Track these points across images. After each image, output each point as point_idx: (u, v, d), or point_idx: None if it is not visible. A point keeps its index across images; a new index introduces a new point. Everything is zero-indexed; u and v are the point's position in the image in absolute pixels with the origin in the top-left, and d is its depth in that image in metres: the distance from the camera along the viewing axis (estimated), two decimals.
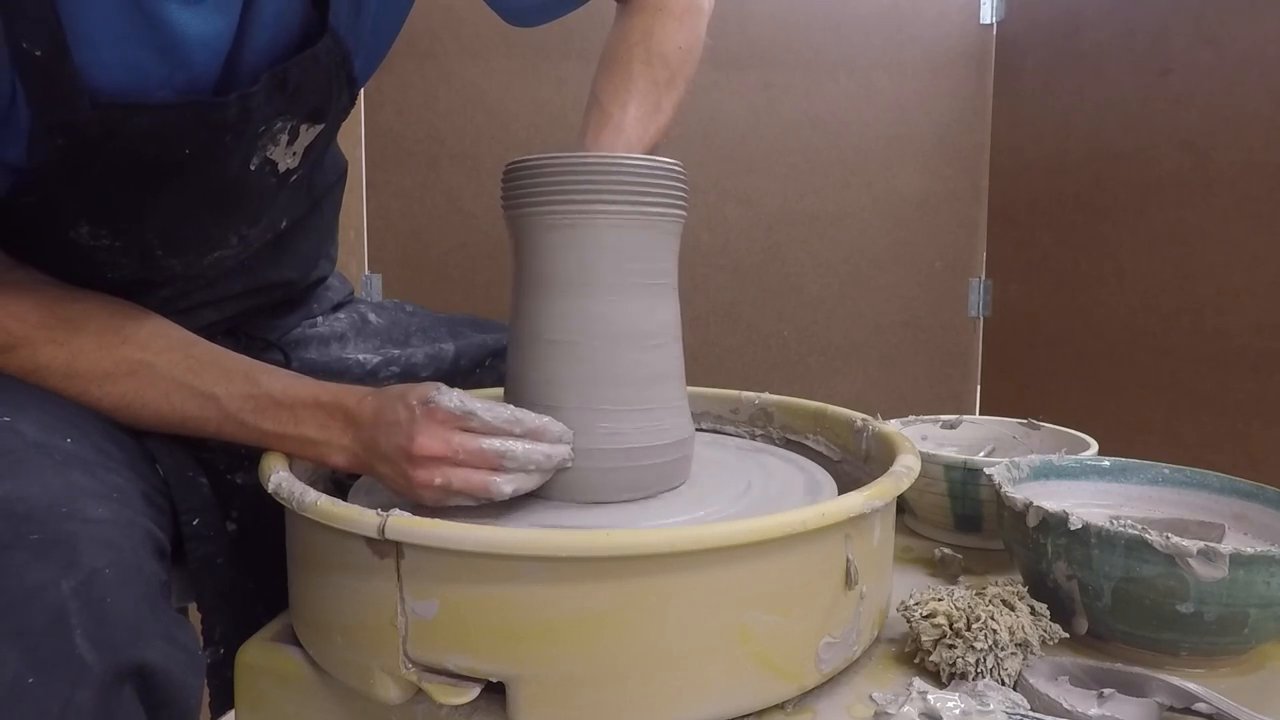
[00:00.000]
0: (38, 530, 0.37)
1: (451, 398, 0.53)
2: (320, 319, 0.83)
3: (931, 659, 0.53)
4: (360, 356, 0.82)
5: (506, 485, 0.53)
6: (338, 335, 0.83)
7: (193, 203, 0.59)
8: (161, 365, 0.51)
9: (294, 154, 0.63)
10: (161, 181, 0.55)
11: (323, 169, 0.76)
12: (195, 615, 0.59)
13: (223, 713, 0.60)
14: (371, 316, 0.87)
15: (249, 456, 0.62)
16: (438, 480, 0.52)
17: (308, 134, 0.63)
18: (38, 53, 0.46)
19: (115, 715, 0.37)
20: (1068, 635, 0.57)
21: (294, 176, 0.65)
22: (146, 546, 0.42)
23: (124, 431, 0.53)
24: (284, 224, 0.71)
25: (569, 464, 0.57)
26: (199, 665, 0.43)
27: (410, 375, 0.83)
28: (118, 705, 0.37)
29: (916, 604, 0.55)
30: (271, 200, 0.65)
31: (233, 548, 0.60)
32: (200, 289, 0.68)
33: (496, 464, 0.53)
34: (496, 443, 0.53)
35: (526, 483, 0.55)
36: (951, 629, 0.53)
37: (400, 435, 0.52)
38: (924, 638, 0.53)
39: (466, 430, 0.53)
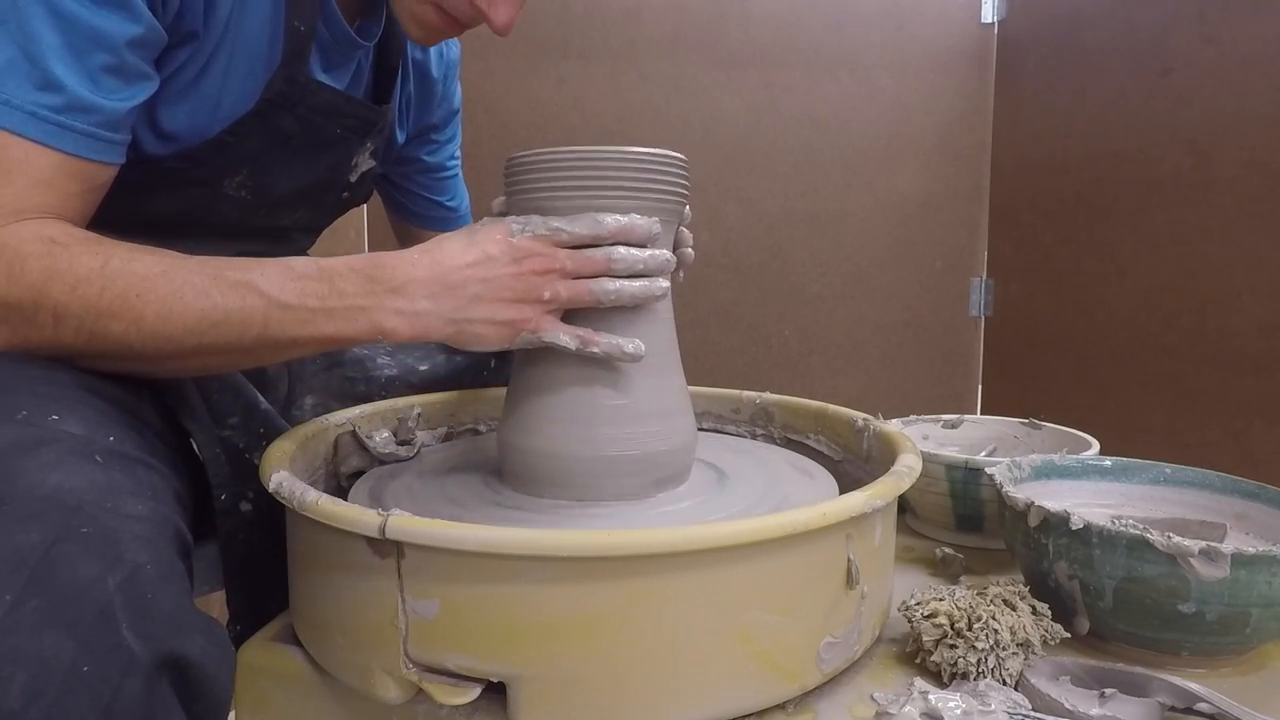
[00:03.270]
0: (87, 524, 0.38)
1: (533, 220, 0.56)
2: None
3: (933, 659, 0.53)
4: None
5: (610, 284, 0.56)
6: None
7: (312, 176, 0.73)
8: (191, 263, 0.51)
9: (358, 174, 0.78)
10: (304, 154, 0.70)
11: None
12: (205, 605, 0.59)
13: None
14: None
15: (269, 436, 0.62)
16: (547, 294, 0.55)
17: (366, 163, 0.78)
18: (301, 28, 0.63)
19: (157, 704, 0.38)
20: (1069, 635, 0.57)
21: (346, 192, 0.80)
22: (176, 544, 0.43)
23: (159, 431, 0.54)
24: (314, 217, 0.82)
25: (671, 266, 0.59)
26: (231, 659, 0.44)
27: (408, 370, 0.84)
28: (158, 695, 0.38)
29: (918, 604, 0.55)
30: (337, 197, 0.79)
31: (248, 529, 0.61)
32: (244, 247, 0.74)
33: (605, 269, 0.56)
34: (600, 250, 0.56)
35: (630, 288, 0.57)
36: (953, 629, 0.53)
37: (498, 266, 0.54)
38: (925, 638, 0.53)
39: (560, 245, 0.56)
